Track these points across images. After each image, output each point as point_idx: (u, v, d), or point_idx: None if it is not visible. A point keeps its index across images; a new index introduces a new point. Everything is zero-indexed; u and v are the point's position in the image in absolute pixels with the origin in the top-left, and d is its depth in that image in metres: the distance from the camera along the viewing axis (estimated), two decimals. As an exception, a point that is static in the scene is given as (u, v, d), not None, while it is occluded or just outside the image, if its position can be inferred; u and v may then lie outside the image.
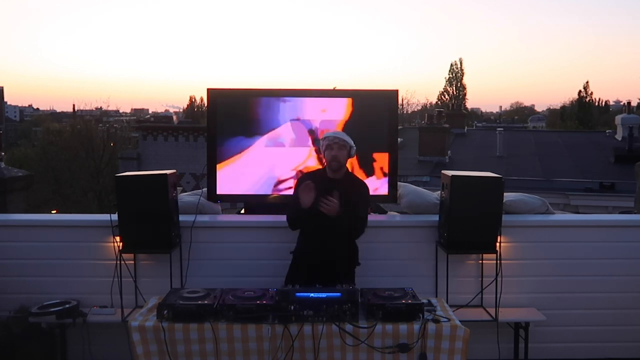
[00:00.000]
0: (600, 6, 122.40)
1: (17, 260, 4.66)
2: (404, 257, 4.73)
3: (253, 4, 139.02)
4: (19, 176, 6.27)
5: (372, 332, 3.46)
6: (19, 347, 4.24)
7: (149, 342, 3.50)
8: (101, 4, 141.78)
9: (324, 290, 3.58)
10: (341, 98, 5.07)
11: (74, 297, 4.54)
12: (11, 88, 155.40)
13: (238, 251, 4.66)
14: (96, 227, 4.62)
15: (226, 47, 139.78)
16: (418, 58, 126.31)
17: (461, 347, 3.50)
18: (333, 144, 4.05)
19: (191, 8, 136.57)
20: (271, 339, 3.48)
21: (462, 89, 55.99)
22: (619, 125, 19.96)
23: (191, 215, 4.66)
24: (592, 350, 4.82)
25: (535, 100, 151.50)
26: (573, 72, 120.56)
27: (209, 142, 5.06)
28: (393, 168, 5.02)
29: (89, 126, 31.62)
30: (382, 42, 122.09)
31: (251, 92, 5.14)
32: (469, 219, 4.34)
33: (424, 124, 18.90)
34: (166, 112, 55.43)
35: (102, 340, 4.54)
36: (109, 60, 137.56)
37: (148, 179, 4.36)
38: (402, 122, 33.79)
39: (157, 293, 4.12)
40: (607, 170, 15.80)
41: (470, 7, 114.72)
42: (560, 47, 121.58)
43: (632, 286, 4.79)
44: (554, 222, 4.87)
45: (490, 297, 4.56)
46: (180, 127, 19.70)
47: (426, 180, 14.68)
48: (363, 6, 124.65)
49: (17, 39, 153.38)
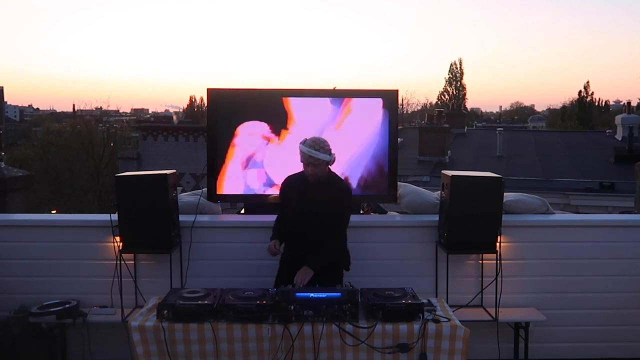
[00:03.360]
0: (600, 6, 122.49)
1: (17, 260, 4.66)
2: (404, 257, 4.73)
3: (253, 4, 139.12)
4: (19, 176, 6.28)
5: (372, 332, 3.46)
6: (19, 347, 4.24)
7: (149, 342, 3.50)
8: (101, 4, 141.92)
9: (324, 290, 3.58)
10: (342, 98, 5.07)
11: (74, 297, 4.54)
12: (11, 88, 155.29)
13: (238, 251, 4.66)
14: (96, 227, 4.62)
15: (226, 47, 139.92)
16: (418, 58, 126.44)
17: (461, 347, 3.50)
18: (308, 162, 3.98)
19: (191, 8, 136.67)
20: (271, 339, 3.48)
21: (462, 89, 56.02)
22: (619, 125, 19.95)
23: (191, 215, 4.66)
24: (592, 350, 4.82)
25: (535, 100, 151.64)
26: (573, 72, 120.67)
27: (209, 142, 5.06)
28: (393, 168, 5.02)
29: (89, 126, 31.62)
30: (382, 42, 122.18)
31: (251, 92, 5.15)
32: (469, 219, 4.34)
33: (424, 124, 18.88)
34: (166, 112, 55.53)
35: (102, 340, 4.54)
36: (109, 60, 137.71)
37: (148, 179, 4.36)
38: (402, 122, 33.75)
39: (157, 293, 4.13)
40: (607, 170, 15.79)
41: (470, 7, 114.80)
42: (560, 47, 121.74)
43: (632, 286, 4.79)
44: (554, 222, 4.87)
45: (490, 297, 4.56)
46: (180, 127, 19.70)
47: (426, 180, 14.68)
48: (363, 6, 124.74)
49: (17, 39, 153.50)
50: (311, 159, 3.94)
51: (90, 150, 27.90)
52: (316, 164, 3.95)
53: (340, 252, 4.12)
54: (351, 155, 4.98)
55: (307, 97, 5.05)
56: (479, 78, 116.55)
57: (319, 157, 3.93)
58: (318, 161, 3.94)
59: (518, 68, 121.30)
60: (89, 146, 28.04)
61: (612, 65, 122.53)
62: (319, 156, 3.93)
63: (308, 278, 3.80)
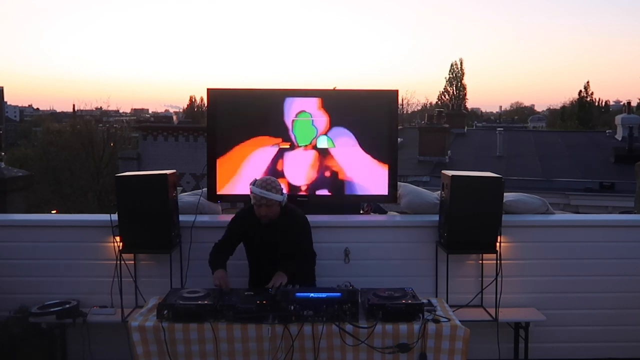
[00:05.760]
0: (600, 6, 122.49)
1: (17, 260, 4.66)
2: (404, 257, 4.73)
3: (253, 4, 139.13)
4: (19, 176, 6.28)
5: (372, 332, 3.46)
6: (19, 347, 4.24)
7: (149, 342, 3.50)
8: (101, 4, 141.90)
9: (324, 290, 3.59)
10: (342, 98, 5.08)
11: (74, 297, 4.54)
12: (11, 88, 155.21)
13: (238, 251, 4.65)
14: (96, 227, 4.63)
15: (226, 47, 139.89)
16: (418, 58, 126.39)
17: (461, 347, 3.50)
18: (260, 204, 3.89)
19: (191, 8, 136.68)
20: (271, 339, 3.48)
21: (462, 89, 55.95)
22: (619, 125, 19.95)
23: (191, 215, 4.66)
24: (592, 350, 4.82)
25: (535, 100, 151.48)
26: (573, 72, 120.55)
27: (209, 142, 5.06)
28: (393, 168, 5.02)
29: (89, 126, 31.61)
30: (382, 42, 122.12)
31: (251, 92, 5.14)
32: (469, 219, 4.34)
33: (424, 124, 18.88)
34: (166, 112, 55.56)
35: (102, 340, 4.55)
36: (109, 60, 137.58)
37: (148, 179, 4.36)
38: (402, 122, 33.74)
39: (157, 293, 4.13)
40: (607, 170, 15.79)
41: (470, 7, 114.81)
42: (560, 47, 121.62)
43: (632, 286, 4.79)
44: (554, 222, 4.87)
45: (490, 297, 4.56)
46: (180, 127, 19.71)
47: (426, 180, 14.68)
48: (363, 6, 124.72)
49: (17, 39, 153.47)
50: (263, 200, 3.88)
51: (90, 150, 27.89)
52: (269, 205, 3.90)
53: (310, 270, 4.14)
54: (351, 155, 4.98)
55: (307, 97, 5.04)
56: (479, 78, 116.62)
57: (272, 198, 3.88)
58: (270, 202, 3.89)
59: (518, 68, 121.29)
60: (89, 146, 28.04)
61: (612, 65, 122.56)
62: (272, 196, 3.88)
63: (283, 282, 3.76)
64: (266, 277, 3.88)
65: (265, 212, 3.92)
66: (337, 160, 4.97)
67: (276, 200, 3.90)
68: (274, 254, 4.01)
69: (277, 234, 4.00)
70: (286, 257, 3.97)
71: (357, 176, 5.00)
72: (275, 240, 4.00)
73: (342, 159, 4.97)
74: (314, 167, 4.97)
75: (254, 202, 3.93)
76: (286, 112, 4.98)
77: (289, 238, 4.01)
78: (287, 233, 4.01)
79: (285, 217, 4.03)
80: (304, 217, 4.15)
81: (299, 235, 4.06)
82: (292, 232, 4.03)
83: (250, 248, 4.19)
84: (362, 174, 4.98)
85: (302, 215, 4.16)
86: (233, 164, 4.97)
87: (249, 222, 4.07)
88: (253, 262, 4.21)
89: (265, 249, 4.06)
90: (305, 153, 4.98)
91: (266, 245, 4.04)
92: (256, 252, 4.15)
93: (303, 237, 4.08)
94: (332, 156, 4.97)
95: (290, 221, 4.05)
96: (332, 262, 4.60)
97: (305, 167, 4.98)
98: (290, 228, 4.03)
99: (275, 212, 3.96)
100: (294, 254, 4.00)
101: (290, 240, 4.01)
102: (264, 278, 3.89)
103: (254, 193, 3.90)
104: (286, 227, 4.02)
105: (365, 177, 4.99)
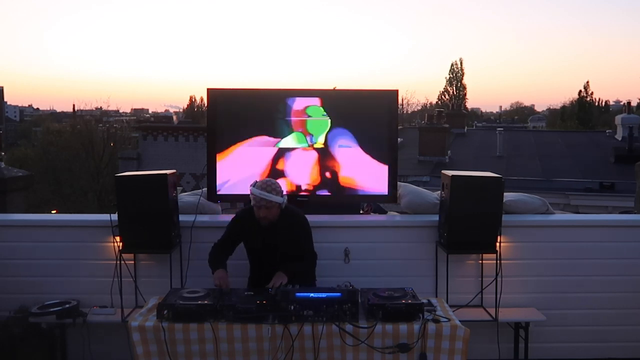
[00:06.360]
0: (600, 6, 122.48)
1: (17, 260, 4.66)
2: (404, 257, 4.73)
3: (253, 4, 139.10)
4: (19, 176, 6.28)
5: (372, 332, 3.46)
6: (19, 347, 4.24)
7: (149, 342, 3.50)
8: (101, 4, 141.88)
9: (324, 290, 3.59)
10: (342, 98, 5.07)
11: (74, 297, 4.54)
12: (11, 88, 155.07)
13: (238, 251, 4.65)
14: (96, 227, 4.63)
15: (226, 47, 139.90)
16: (418, 58, 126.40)
17: (461, 347, 3.50)
18: (260, 205, 3.91)
19: (191, 8, 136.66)
20: (271, 339, 3.48)
21: (462, 89, 55.96)
22: (619, 125, 19.96)
23: (191, 215, 4.66)
24: (592, 350, 4.82)
25: (535, 100, 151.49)
26: (573, 72, 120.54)
27: (209, 142, 5.06)
28: (393, 168, 5.02)
29: (89, 126, 31.62)
30: (382, 42, 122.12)
31: (251, 92, 5.15)
32: (469, 219, 4.34)
33: (424, 124, 18.89)
34: (166, 112, 55.63)
35: (102, 340, 4.55)
36: (109, 60, 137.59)
37: (148, 179, 4.37)
38: (402, 122, 33.74)
39: (157, 293, 4.13)
40: (607, 170, 15.80)
41: (470, 7, 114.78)
42: (560, 46, 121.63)
43: (632, 286, 4.79)
44: (554, 222, 4.87)
45: (490, 297, 4.56)
46: (180, 127, 19.69)
47: (426, 180, 14.68)
48: (363, 6, 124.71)
49: (17, 39, 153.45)
50: (263, 202, 3.88)
51: (90, 150, 27.89)
52: (268, 207, 3.90)
53: (311, 271, 4.14)
54: (351, 154, 4.98)
55: (307, 97, 5.04)
56: (479, 78, 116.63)
57: (272, 199, 3.89)
58: (270, 203, 3.89)
59: (518, 68, 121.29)
60: (89, 146, 28.04)
61: (612, 65, 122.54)
62: (272, 198, 3.88)
63: (283, 282, 3.77)
64: (266, 277, 3.89)
65: (264, 213, 3.92)
66: (337, 160, 4.97)
67: (276, 202, 3.91)
68: (274, 254, 4.02)
69: (277, 234, 4.00)
70: (286, 258, 3.98)
71: (357, 176, 5.00)
72: (275, 240, 4.01)
73: (342, 159, 4.97)
74: (314, 167, 4.97)
75: (254, 203, 3.93)
76: (287, 111, 4.98)
77: (289, 238, 4.01)
78: (287, 233, 4.02)
79: (285, 218, 4.03)
80: (303, 218, 4.16)
81: (299, 235, 4.07)
82: (292, 233, 4.03)
83: (250, 248, 4.19)
84: (362, 174, 4.98)
85: (302, 216, 4.16)
86: (233, 163, 4.97)
87: (249, 223, 4.07)
88: (253, 262, 4.21)
89: (265, 249, 4.06)
90: (305, 153, 4.98)
91: (266, 245, 4.05)
92: (256, 253, 4.15)
93: (303, 237, 4.09)
94: (332, 156, 4.97)
95: (290, 221, 4.05)
96: (332, 262, 4.60)
97: (305, 167, 4.97)
98: (290, 228, 4.04)
99: (274, 214, 3.97)
100: (294, 254, 4.00)
101: (290, 240, 4.02)
102: (264, 278, 3.90)
103: (254, 194, 3.90)
104: (286, 228, 4.02)
105: (366, 177, 4.99)
